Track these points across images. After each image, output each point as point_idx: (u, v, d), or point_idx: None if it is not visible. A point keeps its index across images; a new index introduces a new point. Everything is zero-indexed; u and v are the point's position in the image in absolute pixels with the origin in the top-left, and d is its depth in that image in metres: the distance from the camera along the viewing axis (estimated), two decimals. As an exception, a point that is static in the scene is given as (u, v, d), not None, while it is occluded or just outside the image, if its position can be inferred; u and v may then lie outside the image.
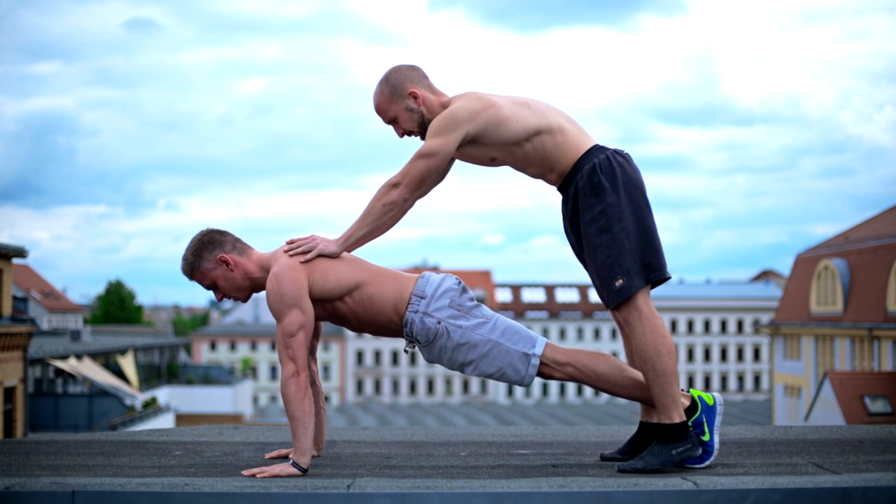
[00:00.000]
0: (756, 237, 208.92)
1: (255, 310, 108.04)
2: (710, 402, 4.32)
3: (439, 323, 4.26)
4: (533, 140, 4.31)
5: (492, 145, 4.32)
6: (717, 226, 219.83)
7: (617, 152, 4.34)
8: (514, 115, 4.30)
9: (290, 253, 4.26)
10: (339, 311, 4.31)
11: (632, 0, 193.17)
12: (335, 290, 4.25)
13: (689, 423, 4.25)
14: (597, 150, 4.33)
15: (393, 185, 4.25)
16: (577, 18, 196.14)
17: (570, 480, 3.87)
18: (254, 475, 3.99)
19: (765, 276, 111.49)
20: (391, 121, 4.42)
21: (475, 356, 4.28)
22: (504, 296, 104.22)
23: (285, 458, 4.46)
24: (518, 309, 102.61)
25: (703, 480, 3.85)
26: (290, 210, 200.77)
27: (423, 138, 4.39)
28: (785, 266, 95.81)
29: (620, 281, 4.20)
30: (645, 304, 4.24)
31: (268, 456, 4.53)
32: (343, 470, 4.21)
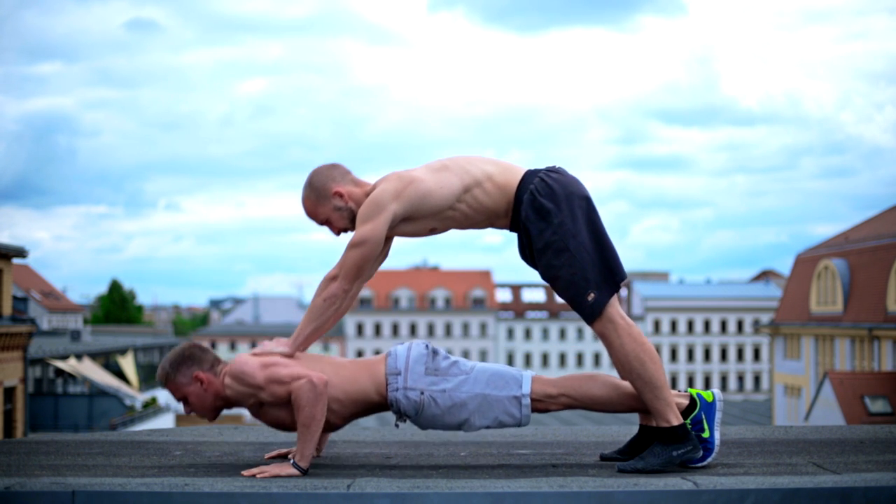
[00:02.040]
0: (756, 237, 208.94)
1: (256, 310, 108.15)
2: (710, 399, 4.33)
3: (422, 394, 4.26)
4: (464, 199, 4.31)
5: (426, 218, 4.33)
6: (717, 226, 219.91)
7: (549, 170, 4.33)
8: (438, 182, 4.28)
9: (241, 354, 4.32)
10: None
11: (631, 1, 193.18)
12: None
13: (689, 421, 4.25)
14: (529, 176, 4.31)
15: (331, 278, 4.27)
16: (577, 19, 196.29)
17: (570, 480, 3.87)
18: (254, 475, 3.99)
19: (765, 276, 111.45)
20: (324, 222, 4.42)
21: (467, 414, 4.28)
22: (504, 296, 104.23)
23: (285, 457, 4.46)
24: (518, 309, 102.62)
25: (703, 480, 3.85)
26: (290, 210, 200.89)
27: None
28: (785, 266, 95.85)
29: (592, 295, 4.20)
30: (617, 315, 4.24)
31: (267, 456, 4.53)
32: (343, 470, 4.21)
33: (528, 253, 4.35)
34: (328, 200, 4.37)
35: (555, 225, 4.20)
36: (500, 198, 4.32)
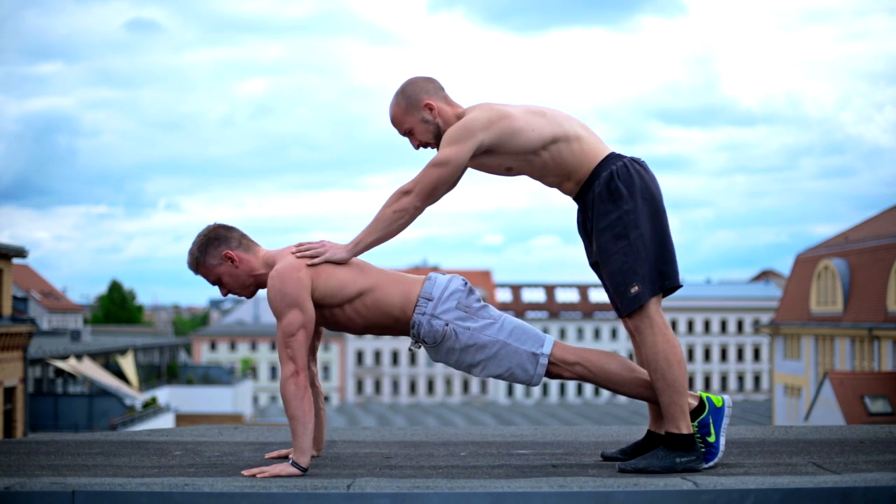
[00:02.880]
0: (756, 237, 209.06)
1: (255, 310, 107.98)
2: (719, 404, 4.32)
3: (447, 325, 4.26)
4: (550, 148, 4.29)
5: (508, 155, 4.31)
6: (717, 226, 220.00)
7: (634, 160, 4.33)
8: (529, 124, 4.27)
9: (298, 255, 4.26)
10: (338, 317, 4.31)
11: (631, 1, 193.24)
12: (336, 297, 4.26)
13: (696, 424, 4.25)
14: (614, 157, 4.32)
15: (405, 192, 4.24)
16: (577, 19, 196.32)
17: (570, 480, 3.87)
18: (254, 475, 3.99)
19: (765, 276, 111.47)
20: (407, 132, 4.41)
21: (483, 357, 4.28)
22: (504, 296, 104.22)
23: (285, 458, 4.46)
24: (518, 309, 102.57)
25: (703, 480, 3.85)
26: (290, 210, 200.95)
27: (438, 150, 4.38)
28: (785, 266, 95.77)
29: (636, 287, 4.19)
30: (657, 314, 4.23)
31: (267, 456, 4.53)
32: (343, 470, 4.21)
33: (588, 227, 4.34)
34: (418, 111, 4.35)
35: (622, 210, 4.20)
36: (581, 163, 4.30)
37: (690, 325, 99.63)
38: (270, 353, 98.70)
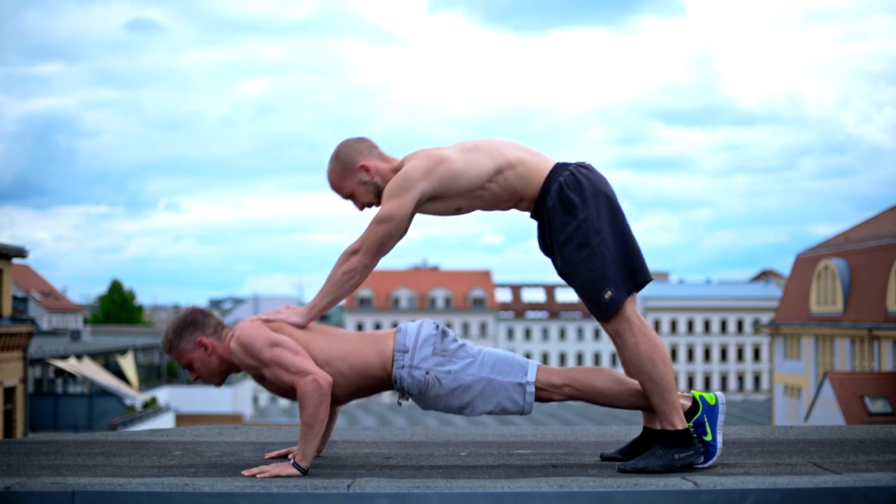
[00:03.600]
0: (756, 237, 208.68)
1: (256, 310, 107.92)
2: (713, 402, 4.32)
3: (427, 373, 4.25)
4: (495, 179, 4.28)
5: (453, 197, 4.30)
6: (717, 226, 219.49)
7: (579, 165, 4.32)
8: (468, 163, 4.26)
9: (252, 317, 4.31)
10: None
11: (630, 1, 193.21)
12: None
13: (691, 424, 4.25)
14: (559, 168, 4.30)
15: (353, 251, 4.24)
16: (576, 20, 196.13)
17: (570, 480, 3.87)
18: (254, 475, 3.99)
19: (765, 276, 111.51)
20: (348, 196, 4.39)
21: (470, 398, 4.27)
22: (504, 296, 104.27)
23: (285, 457, 4.46)
24: (518, 309, 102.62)
25: (703, 480, 3.85)
26: (291, 210, 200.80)
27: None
28: (785, 266, 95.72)
29: (609, 293, 4.18)
30: (633, 314, 4.23)
31: (267, 456, 4.53)
32: (343, 470, 4.21)
33: (548, 244, 4.34)
34: (354, 174, 4.34)
35: (579, 219, 4.19)
36: (530, 183, 4.29)
37: (690, 325, 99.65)
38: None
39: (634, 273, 4.23)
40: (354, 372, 4.27)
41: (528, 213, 4.41)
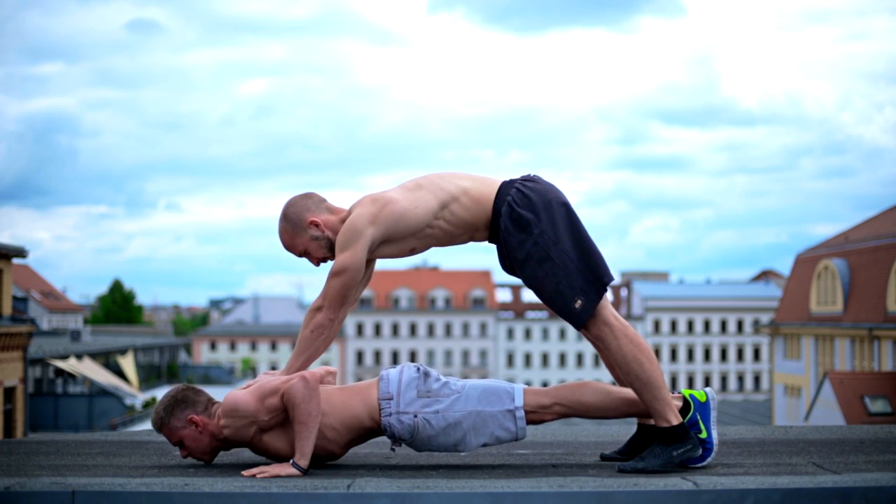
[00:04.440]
0: (756, 237, 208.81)
1: (255, 310, 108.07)
2: (703, 399, 4.33)
3: (416, 416, 4.25)
4: (442, 215, 4.29)
5: (404, 239, 4.31)
6: (717, 226, 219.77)
7: (525, 179, 4.32)
8: (413, 202, 4.26)
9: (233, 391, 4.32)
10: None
11: (630, 2, 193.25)
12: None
13: (685, 423, 4.25)
14: (505, 187, 4.30)
15: (316, 308, 4.27)
16: (576, 20, 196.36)
17: (570, 480, 3.87)
18: (254, 475, 3.99)
19: (765, 276, 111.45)
20: (302, 254, 4.41)
21: (462, 433, 4.27)
22: (504, 296, 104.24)
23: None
24: (518, 309, 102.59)
25: (703, 480, 3.85)
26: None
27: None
28: (785, 266, 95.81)
29: (579, 302, 4.19)
30: (611, 316, 4.24)
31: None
32: (343, 470, 4.22)
33: (509, 263, 4.33)
34: (304, 231, 4.36)
35: (535, 235, 4.19)
36: (479, 211, 4.30)
37: (690, 325, 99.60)
38: (270, 353, 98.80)
39: (598, 276, 4.22)
40: (344, 426, 4.28)
41: (486, 242, 4.40)
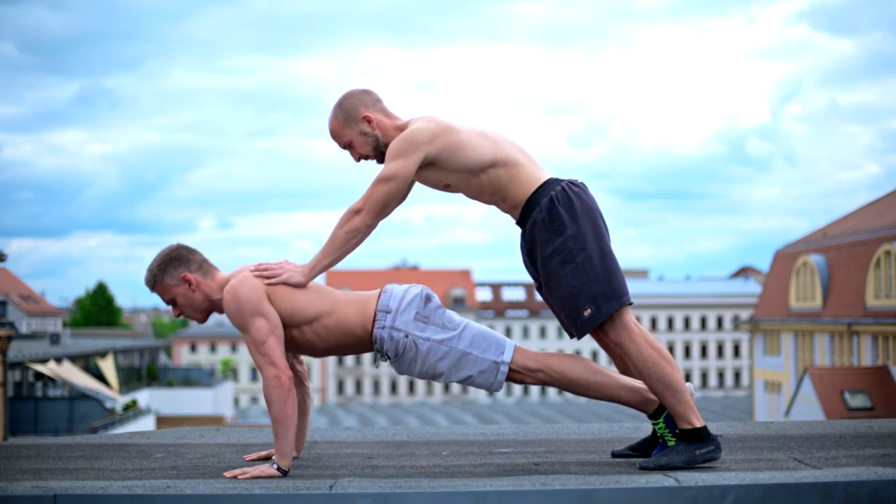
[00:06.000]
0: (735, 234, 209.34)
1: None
2: None
3: (406, 336, 4.24)
4: (488, 171, 4.29)
5: (447, 171, 4.30)
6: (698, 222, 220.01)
7: (572, 182, 4.32)
8: (472, 143, 4.27)
9: (255, 275, 4.25)
10: (297, 340, 4.28)
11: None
12: (293, 319, 4.24)
13: (662, 421, 4.27)
14: (552, 182, 4.31)
15: (355, 211, 4.23)
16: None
17: (552, 478, 3.88)
18: (235, 476, 3.99)
19: (744, 272, 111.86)
20: (346, 145, 4.39)
21: (444, 367, 4.27)
22: (484, 295, 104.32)
23: (266, 459, 4.46)
24: (498, 308, 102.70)
25: (685, 477, 3.87)
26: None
27: (379, 162, 4.37)
28: (764, 262, 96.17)
29: (588, 311, 4.20)
30: (631, 321, 4.25)
31: (247, 458, 4.53)
32: (325, 470, 4.22)
33: (531, 253, 4.34)
34: (356, 124, 4.34)
35: (566, 236, 4.20)
36: (517, 188, 4.30)
37: (670, 322, 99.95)
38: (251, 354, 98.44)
39: (618, 293, 4.22)
40: (335, 327, 4.26)
41: (513, 219, 4.40)
